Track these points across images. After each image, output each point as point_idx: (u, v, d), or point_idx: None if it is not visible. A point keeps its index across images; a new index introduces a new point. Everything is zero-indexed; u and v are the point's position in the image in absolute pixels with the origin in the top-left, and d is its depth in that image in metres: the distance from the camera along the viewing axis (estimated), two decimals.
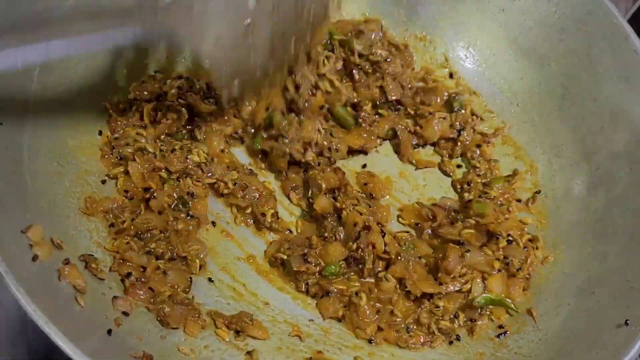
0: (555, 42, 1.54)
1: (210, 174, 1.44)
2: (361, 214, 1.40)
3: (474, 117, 1.61)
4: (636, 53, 1.42)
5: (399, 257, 1.38)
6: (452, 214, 1.49)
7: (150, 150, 1.42)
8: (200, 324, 1.29)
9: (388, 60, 1.57)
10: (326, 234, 1.42)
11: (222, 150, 1.51)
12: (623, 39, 1.44)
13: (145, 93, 1.50)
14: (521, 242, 1.43)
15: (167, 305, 1.27)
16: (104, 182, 1.39)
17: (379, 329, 1.35)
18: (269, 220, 1.44)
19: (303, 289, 1.39)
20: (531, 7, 1.55)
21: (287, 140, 1.46)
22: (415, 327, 1.35)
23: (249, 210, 1.45)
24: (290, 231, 1.47)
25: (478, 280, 1.38)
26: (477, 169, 1.55)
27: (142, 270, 1.30)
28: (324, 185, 1.44)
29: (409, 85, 1.59)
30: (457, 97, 1.60)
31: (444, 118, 1.57)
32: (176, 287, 1.31)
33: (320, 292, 1.38)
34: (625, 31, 1.44)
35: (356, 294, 1.36)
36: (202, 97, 1.49)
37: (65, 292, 1.14)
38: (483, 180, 1.54)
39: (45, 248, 1.15)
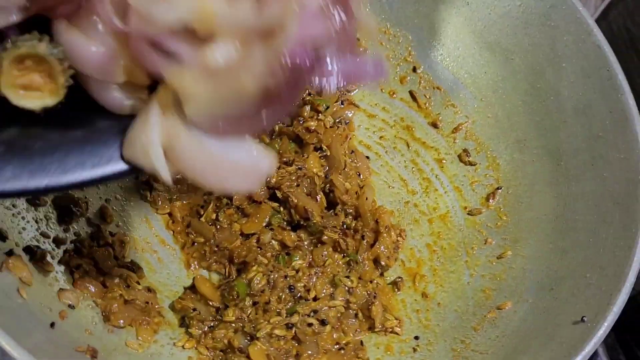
0: (520, 36, 1.52)
1: None
2: None
3: None
4: (599, 47, 1.40)
5: None
6: None
7: None
8: (153, 328, 1.25)
9: None
10: None
11: None
12: (587, 33, 1.42)
13: None
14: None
15: (117, 302, 1.23)
16: None
17: None
18: None
19: None
20: (495, 1, 1.53)
21: None
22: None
23: None
24: None
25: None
26: None
27: (93, 264, 1.27)
28: None
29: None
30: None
31: None
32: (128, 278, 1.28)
33: None
34: (589, 26, 1.42)
35: None
36: None
37: (5, 284, 1.10)
38: None
39: None
